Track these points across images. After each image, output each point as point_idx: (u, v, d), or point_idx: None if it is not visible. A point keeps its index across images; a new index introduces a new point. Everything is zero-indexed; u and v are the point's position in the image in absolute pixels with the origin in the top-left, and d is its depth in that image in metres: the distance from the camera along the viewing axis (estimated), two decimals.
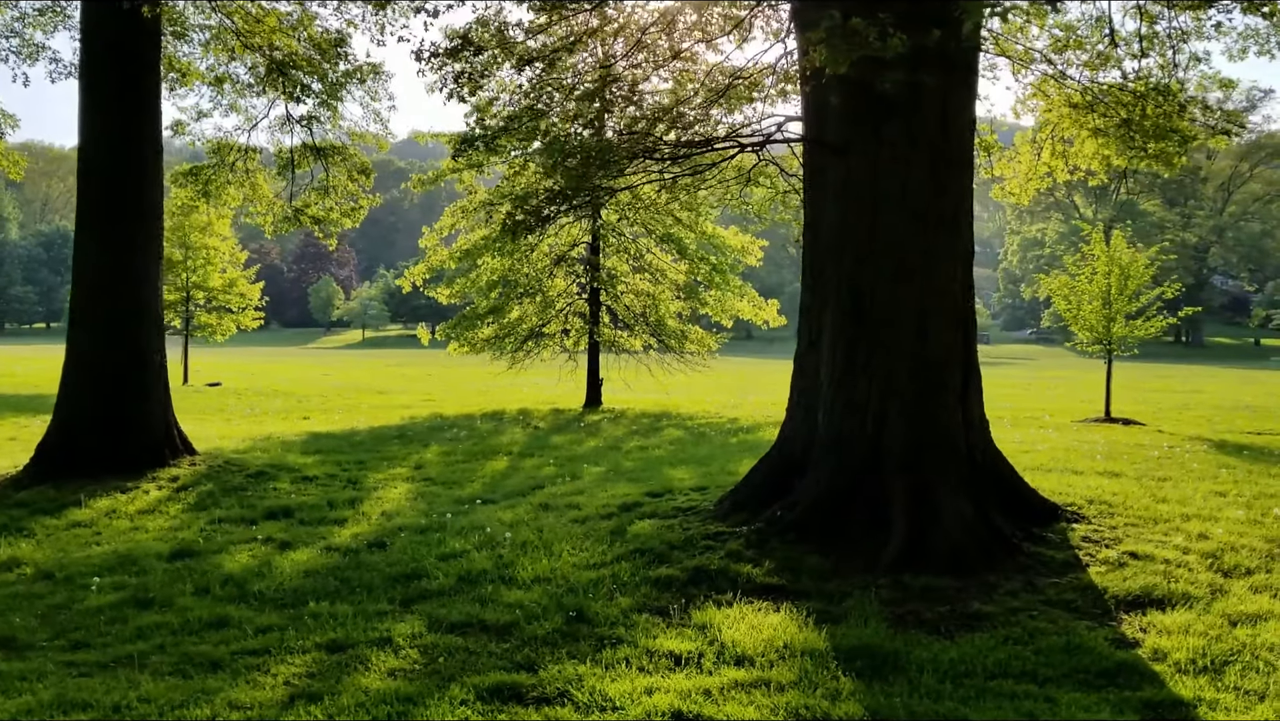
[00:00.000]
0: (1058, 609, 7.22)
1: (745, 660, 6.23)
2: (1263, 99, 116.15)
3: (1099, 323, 22.78)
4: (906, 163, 8.86)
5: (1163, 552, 8.49)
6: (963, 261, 9.14)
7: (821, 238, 9.38)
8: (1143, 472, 13.04)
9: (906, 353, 8.83)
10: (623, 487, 11.29)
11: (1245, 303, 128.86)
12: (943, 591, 7.49)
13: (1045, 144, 13.67)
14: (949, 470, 8.66)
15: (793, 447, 9.47)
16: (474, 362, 28.05)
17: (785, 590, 7.55)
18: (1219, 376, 56.52)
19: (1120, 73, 11.44)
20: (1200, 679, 5.99)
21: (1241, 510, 10.38)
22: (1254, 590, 7.65)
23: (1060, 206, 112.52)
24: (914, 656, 6.26)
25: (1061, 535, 8.88)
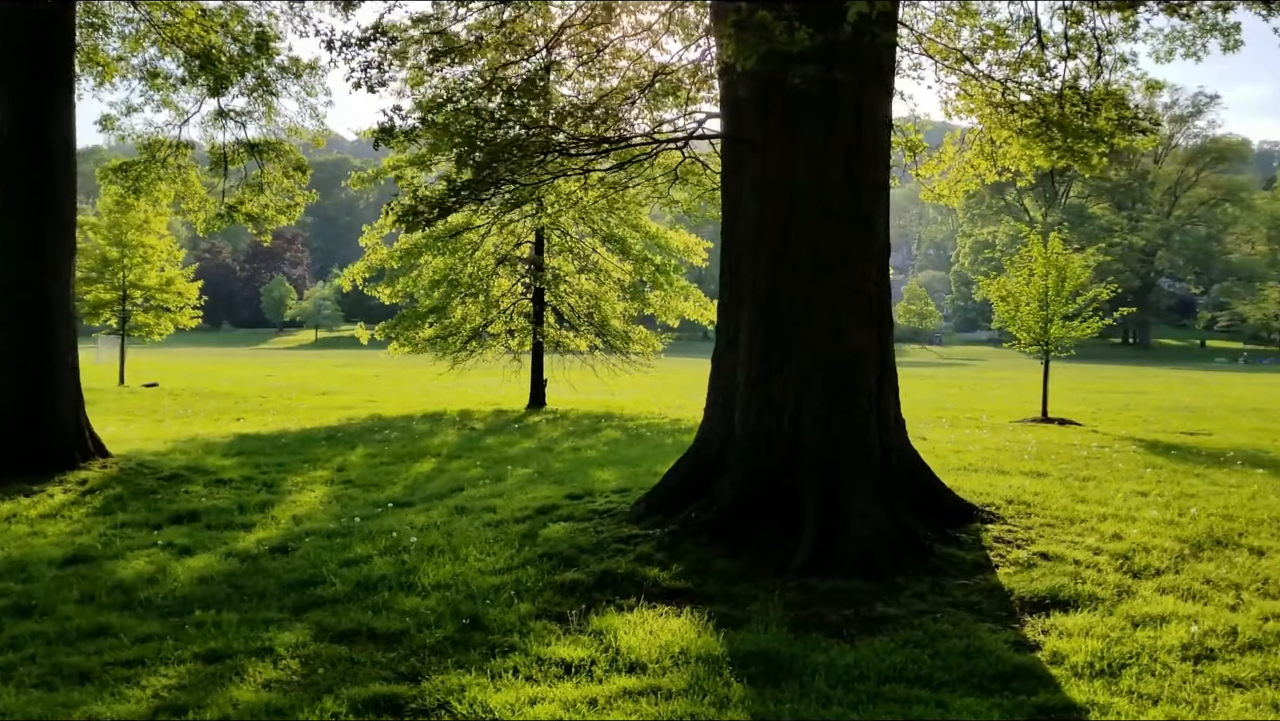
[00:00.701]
0: (962, 611, 7.14)
1: (638, 667, 6.07)
2: (1209, 104, 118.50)
3: (1036, 324, 22.95)
4: (822, 160, 8.75)
5: (1074, 553, 8.46)
6: (878, 260, 9.05)
7: (738, 235, 9.25)
8: (1068, 473, 13.07)
9: (821, 352, 8.73)
10: (544, 490, 11.10)
11: (1192, 305, 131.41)
12: (849, 594, 7.38)
13: (973, 144, 13.67)
14: (862, 471, 8.56)
15: (710, 449, 9.33)
16: (423, 364, 27.73)
17: (692, 594, 7.40)
18: (1162, 377, 57.39)
19: (1037, 71, 11.42)
20: (1096, 682, 5.92)
21: (1159, 510, 10.40)
22: (1161, 591, 7.62)
23: (1011, 209, 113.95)
24: (810, 661, 6.13)
25: (975, 536, 8.82)
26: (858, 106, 8.82)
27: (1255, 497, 11.37)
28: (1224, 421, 23.91)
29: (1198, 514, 10.29)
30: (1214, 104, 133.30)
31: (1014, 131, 11.60)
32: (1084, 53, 13.72)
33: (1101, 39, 13.61)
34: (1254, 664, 6.18)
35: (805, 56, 7.79)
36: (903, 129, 12.50)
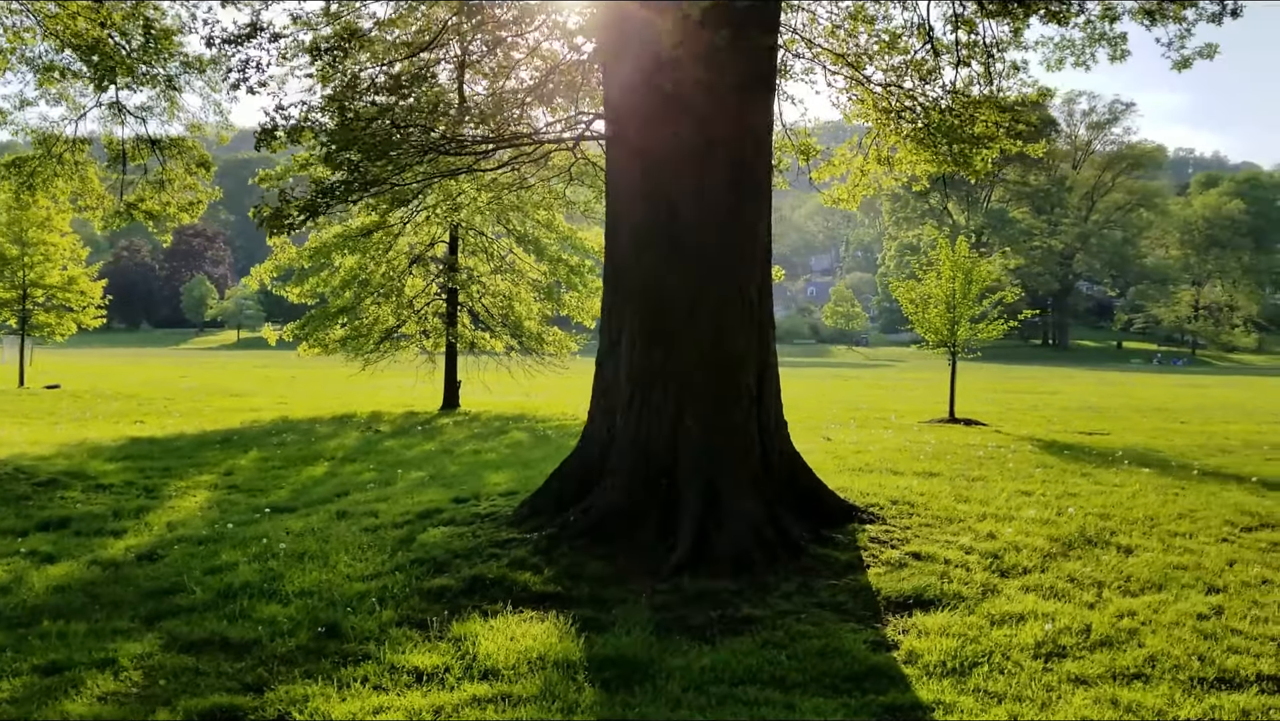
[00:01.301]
0: (827, 611, 7.18)
1: (493, 674, 5.99)
2: (1124, 111, 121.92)
3: (944, 325, 23.33)
4: (703, 163, 8.76)
5: (946, 553, 8.58)
6: (760, 264, 9.09)
7: (620, 237, 9.23)
8: (959, 472, 13.28)
9: (702, 355, 8.74)
10: (431, 494, 10.96)
11: (1109, 307, 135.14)
12: (718, 595, 7.39)
13: (871, 149, 13.84)
14: (741, 473, 8.59)
15: (592, 451, 9.29)
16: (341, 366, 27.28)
17: (561, 598, 7.34)
18: (1076, 378, 58.90)
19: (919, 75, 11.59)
20: (945, 681, 5.99)
21: (1039, 510, 10.61)
22: (1025, 589, 7.76)
23: (934, 213, 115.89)
24: (667, 664, 6.11)
25: (851, 536, 8.90)
26: (738, 109, 8.84)
27: (1135, 496, 11.66)
28: (1125, 421, 24.56)
29: (1075, 513, 10.52)
30: (1130, 111, 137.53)
31: (901, 137, 11.74)
32: (976, 60, 13.99)
33: (992, 47, 13.88)
34: (1102, 661, 6.31)
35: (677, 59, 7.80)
36: (796, 133, 12.58)
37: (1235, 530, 10.03)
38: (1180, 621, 7.03)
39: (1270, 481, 13.23)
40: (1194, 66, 12.93)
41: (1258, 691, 5.88)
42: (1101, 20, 13.46)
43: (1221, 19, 12.76)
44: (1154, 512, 10.71)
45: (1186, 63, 13.24)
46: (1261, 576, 8.24)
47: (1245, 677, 6.07)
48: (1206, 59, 13.18)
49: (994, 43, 13.81)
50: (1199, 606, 7.39)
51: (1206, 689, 5.93)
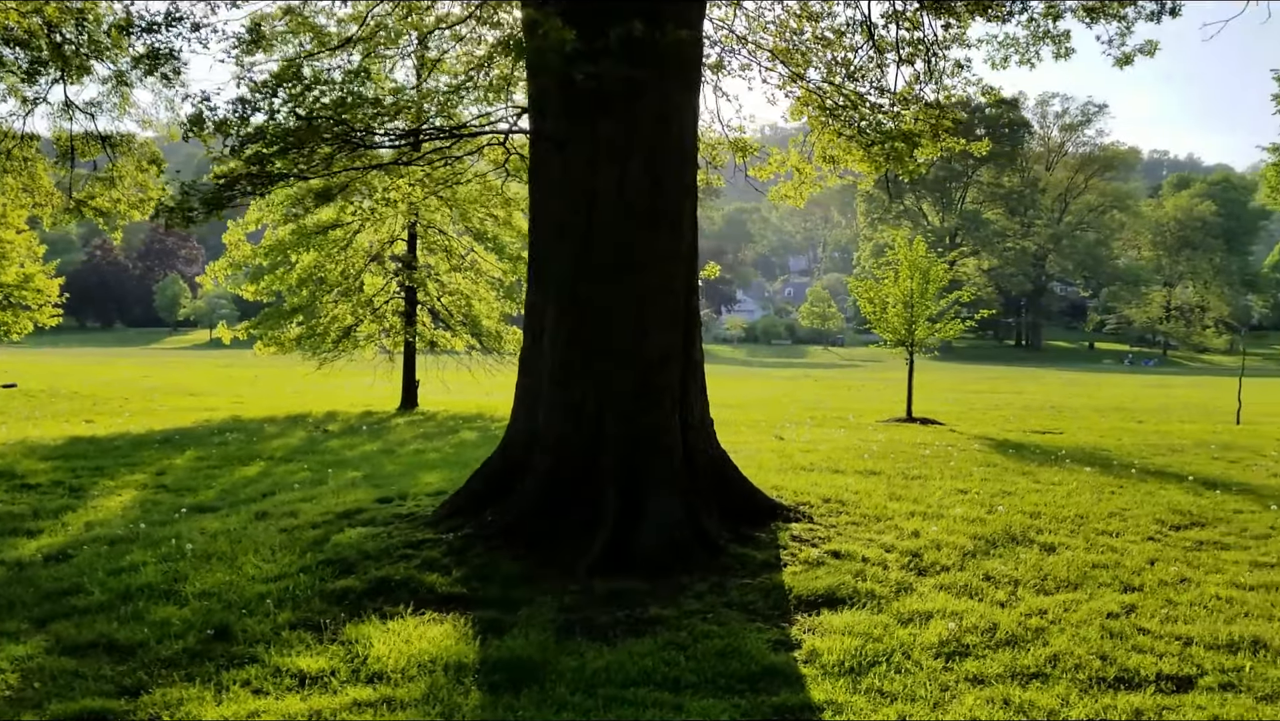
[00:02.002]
0: (736, 611, 7.10)
1: (380, 678, 5.86)
2: (1097, 113, 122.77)
3: (901, 325, 23.34)
4: (624, 159, 8.66)
5: (866, 551, 8.53)
6: (685, 261, 8.99)
7: (543, 233, 9.12)
8: (900, 471, 13.25)
9: (625, 352, 8.64)
10: (358, 493, 10.81)
11: (1082, 308, 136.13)
12: (629, 595, 7.29)
13: (815, 147, 13.77)
14: (663, 472, 8.49)
15: (515, 450, 9.17)
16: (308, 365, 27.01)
17: (467, 600, 7.22)
18: (1045, 378, 59.22)
19: (847, 74, 11.53)
20: (841, 681, 5.91)
21: (970, 508, 10.58)
22: (939, 588, 7.71)
23: (910, 214, 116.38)
24: (561, 666, 6.01)
25: (773, 535, 8.84)
26: (660, 105, 8.75)
27: (1070, 495, 11.65)
28: (1083, 421, 24.65)
29: (1005, 511, 10.50)
30: (1102, 113, 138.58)
31: (836, 135, 11.69)
32: (920, 58, 13.95)
33: (935, 45, 13.85)
34: (1004, 660, 6.26)
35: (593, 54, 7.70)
36: (733, 130, 12.51)
37: (1164, 529, 10.03)
38: (1089, 620, 6.99)
39: (1210, 480, 13.26)
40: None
41: (1155, 691, 5.83)
42: (1045, 18, 13.47)
43: (1160, 17, 12.81)
44: (1085, 511, 10.69)
45: (1128, 59, 13.28)
46: (1180, 575, 8.22)
47: (1145, 677, 6.02)
48: (1147, 56, 13.24)
49: (936, 41, 13.79)
50: (1111, 605, 7.35)
51: (1104, 688, 5.88)
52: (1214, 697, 5.74)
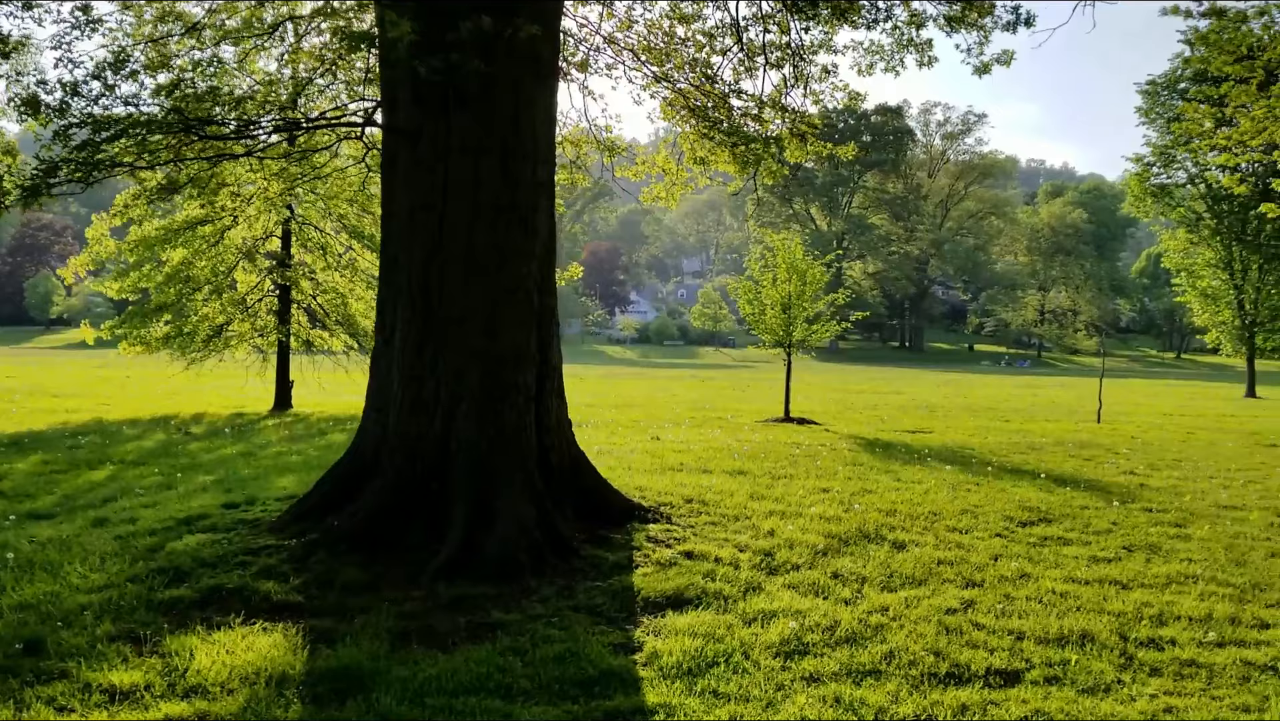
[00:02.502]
0: (582, 614, 7.01)
1: (199, 691, 5.58)
2: (977, 122, 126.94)
3: (779, 326, 23.63)
4: (477, 154, 8.50)
5: (720, 551, 8.54)
6: (539, 260, 8.87)
7: (394, 229, 8.88)
8: (768, 471, 13.38)
9: (476, 351, 8.47)
10: (206, 498, 10.39)
11: (963, 311, 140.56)
12: (473, 601, 7.13)
13: (686, 149, 13.81)
14: (516, 473, 8.35)
15: (365, 452, 8.92)
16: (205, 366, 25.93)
17: (302, 608, 6.96)
18: (923, 379, 60.81)
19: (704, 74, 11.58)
20: (678, 683, 5.87)
21: (829, 506, 10.72)
22: (788, 586, 7.75)
23: (799, 218, 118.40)
24: (392, 675, 5.82)
25: (629, 536, 8.79)
26: (514, 101, 8.61)
27: (928, 493, 11.92)
28: (954, 420, 25.35)
29: (863, 509, 10.67)
30: (981, 122, 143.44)
31: (700, 136, 11.72)
32: (789, 63, 14.12)
33: (802, 49, 14.03)
34: (841, 658, 6.30)
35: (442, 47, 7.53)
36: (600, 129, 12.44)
37: (1012, 525, 10.32)
38: (929, 616, 7.11)
39: (1062, 477, 13.75)
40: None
41: (983, 686, 5.94)
42: (908, 26, 13.76)
43: (1015, 28, 13.19)
44: (940, 508, 10.95)
45: (986, 68, 13.65)
46: (1021, 571, 8.45)
47: (975, 672, 6.14)
48: (1004, 65, 13.63)
49: (803, 46, 13.98)
50: (952, 601, 7.50)
51: (935, 684, 5.96)
52: (1038, 691, 5.88)
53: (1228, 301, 44.78)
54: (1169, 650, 6.58)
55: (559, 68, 9.35)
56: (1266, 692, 5.90)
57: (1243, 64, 14.78)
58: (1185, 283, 46.66)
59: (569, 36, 11.33)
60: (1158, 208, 44.85)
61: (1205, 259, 44.88)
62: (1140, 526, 10.31)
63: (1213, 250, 44.40)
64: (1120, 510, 11.18)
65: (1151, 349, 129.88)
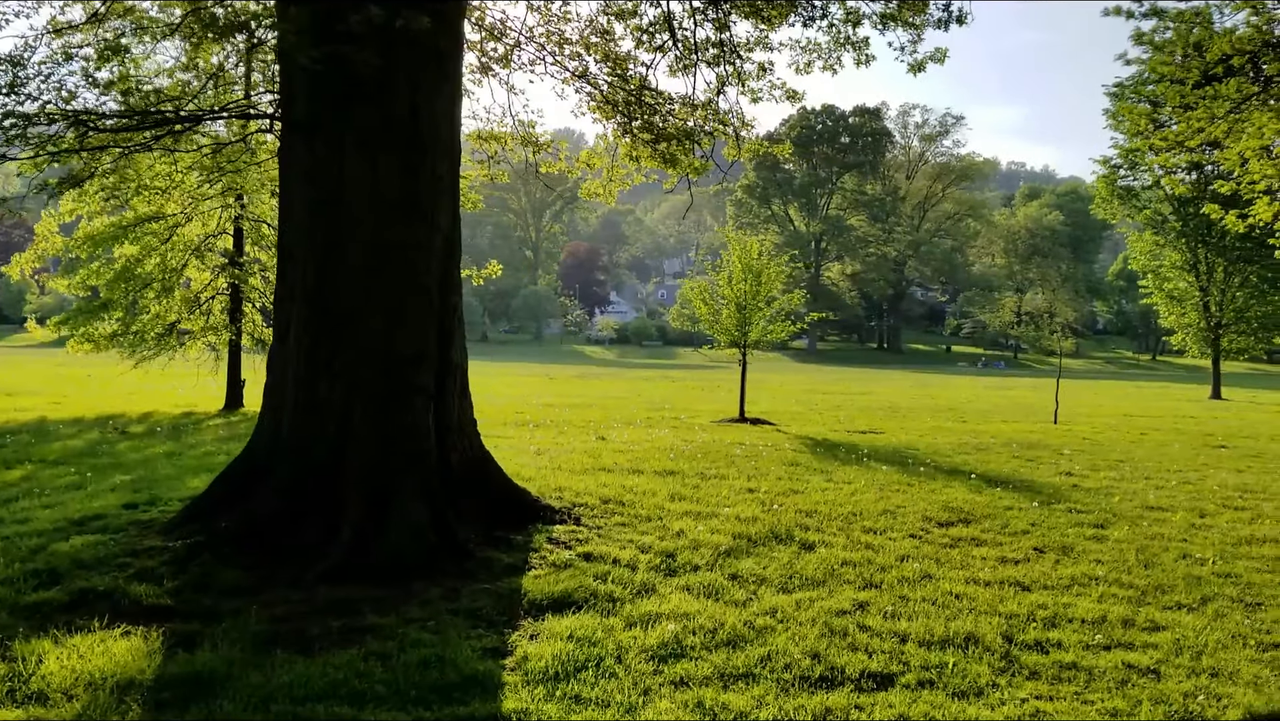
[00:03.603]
0: (461, 617, 6.85)
1: (39, 698, 5.40)
2: (955, 124, 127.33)
3: (734, 326, 23.51)
4: (375, 149, 8.34)
5: (622, 553, 8.41)
6: (440, 257, 8.71)
7: (291, 224, 8.71)
8: (701, 471, 13.26)
9: (372, 350, 8.31)
10: (109, 498, 10.17)
11: (941, 313, 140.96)
12: (352, 604, 6.97)
13: (622, 145, 13.67)
14: (411, 476, 8.18)
15: (260, 452, 8.74)
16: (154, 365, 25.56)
17: (171, 612, 6.78)
18: (895, 380, 60.85)
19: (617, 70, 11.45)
20: (541, 688, 5.72)
21: (749, 507, 10.61)
22: (682, 588, 7.62)
23: (777, 219, 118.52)
24: (244, 681, 5.64)
25: (530, 537, 8.64)
26: (414, 96, 8.45)
27: (854, 494, 11.82)
28: (912, 420, 25.29)
29: (783, 510, 10.57)
30: (959, 124, 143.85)
31: (622, 133, 11.59)
32: (725, 60, 14.01)
33: (739, 47, 13.92)
34: (716, 661, 6.17)
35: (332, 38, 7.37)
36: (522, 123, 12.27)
37: (930, 526, 10.23)
38: (817, 618, 6.99)
39: (997, 478, 13.67)
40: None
41: (853, 690, 5.82)
42: (844, 24, 13.67)
43: (948, 25, 13.12)
44: (862, 509, 10.85)
45: (921, 66, 13.56)
46: (925, 571, 8.34)
47: (849, 676, 6.02)
48: (938, 63, 13.54)
49: (739, 43, 13.87)
50: (845, 602, 7.39)
51: (806, 688, 5.84)
52: (908, 695, 5.76)
53: (1194, 303, 44.98)
54: (1053, 653, 6.48)
55: (463, 61, 9.19)
56: (1141, 696, 5.81)
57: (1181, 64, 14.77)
58: (1152, 284, 46.85)
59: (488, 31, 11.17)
60: (1124, 210, 45.01)
61: (1171, 261, 45.07)
62: (1058, 527, 10.23)
63: (1179, 252, 44.59)
64: (1043, 511, 11.10)
65: (1128, 351, 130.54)
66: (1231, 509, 11.74)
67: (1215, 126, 14.76)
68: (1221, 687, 5.97)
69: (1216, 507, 11.75)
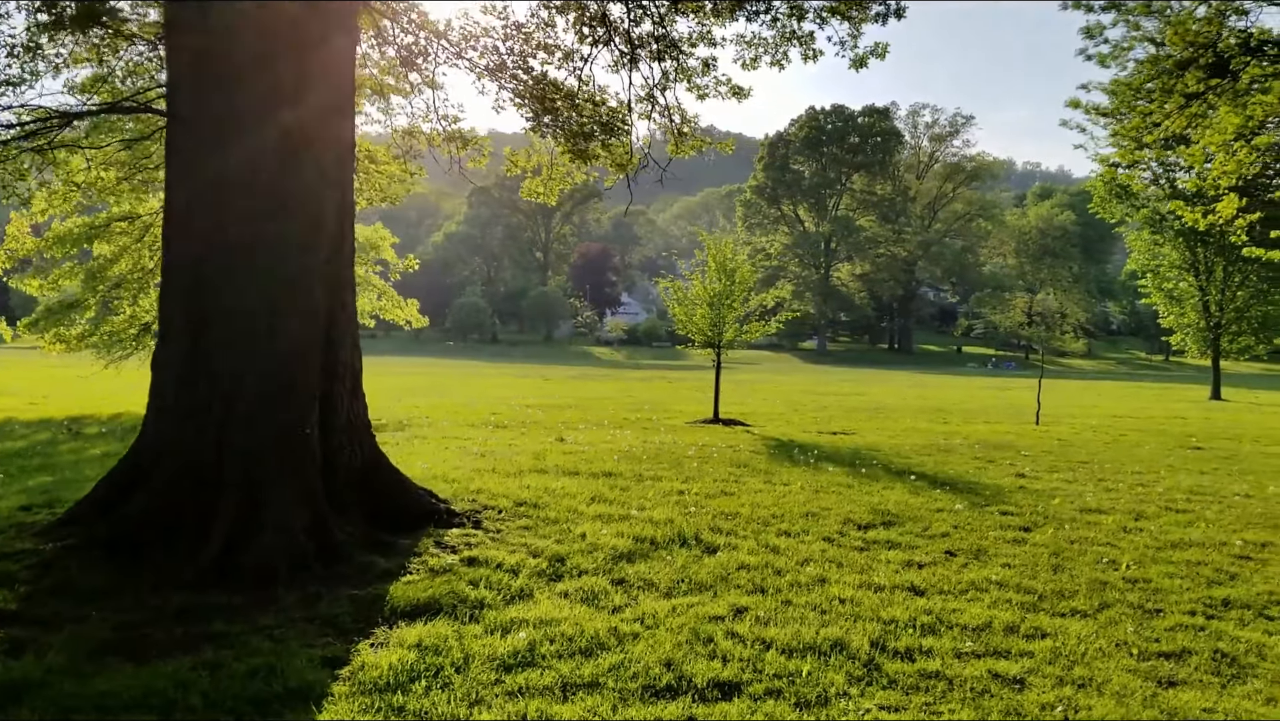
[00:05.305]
0: (315, 624, 6.64)
1: None
2: (965, 124, 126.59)
3: (708, 325, 23.27)
4: (257, 140, 8.15)
5: (509, 557, 8.20)
6: (327, 252, 8.52)
7: (173, 220, 8.52)
8: (639, 473, 13.04)
9: (253, 351, 8.11)
10: (11, 500, 10.05)
11: (953, 313, 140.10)
12: (205, 611, 6.77)
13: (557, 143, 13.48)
14: (292, 479, 7.99)
15: (144, 454, 8.54)
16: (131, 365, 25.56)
17: (16, 616, 6.58)
18: (896, 380, 60.47)
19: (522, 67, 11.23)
20: (368, 699, 5.51)
21: (669, 510, 10.37)
22: (561, 594, 7.41)
23: (786, 220, 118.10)
24: (60, 689, 5.45)
25: (418, 541, 8.44)
26: (298, 85, 8.26)
27: (784, 496, 11.58)
28: (892, 421, 24.98)
29: (702, 512, 10.35)
30: (969, 124, 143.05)
31: (542, 128, 11.39)
32: (668, 55, 13.80)
33: (681, 41, 13.72)
34: (564, 670, 5.94)
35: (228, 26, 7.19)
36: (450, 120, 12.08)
37: (849, 528, 9.97)
38: (687, 625, 6.75)
39: (942, 479, 13.40)
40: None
41: (694, 700, 5.59)
42: (789, 18, 13.45)
43: (886, 19, 12.88)
44: (785, 511, 10.60)
45: (863, 61, 13.33)
46: (821, 575, 8.09)
47: (695, 685, 5.78)
48: (879, 58, 13.30)
49: (681, 37, 13.67)
50: (724, 608, 7.14)
51: (648, 698, 5.61)
52: (750, 705, 5.52)
53: (1193, 303, 44.40)
54: (920, 661, 6.22)
55: (355, 51, 9.00)
56: (994, 707, 5.55)
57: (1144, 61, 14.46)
58: (1151, 284, 46.29)
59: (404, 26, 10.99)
60: (1123, 209, 44.48)
61: (1170, 260, 44.51)
62: (980, 530, 9.95)
63: (1177, 251, 44.03)
64: (972, 514, 10.82)
65: (1141, 351, 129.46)
66: (1173, 511, 11.43)
67: (1172, 121, 14.44)
68: (1084, 699, 5.70)
69: (1157, 510, 11.43)
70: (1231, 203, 15.77)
